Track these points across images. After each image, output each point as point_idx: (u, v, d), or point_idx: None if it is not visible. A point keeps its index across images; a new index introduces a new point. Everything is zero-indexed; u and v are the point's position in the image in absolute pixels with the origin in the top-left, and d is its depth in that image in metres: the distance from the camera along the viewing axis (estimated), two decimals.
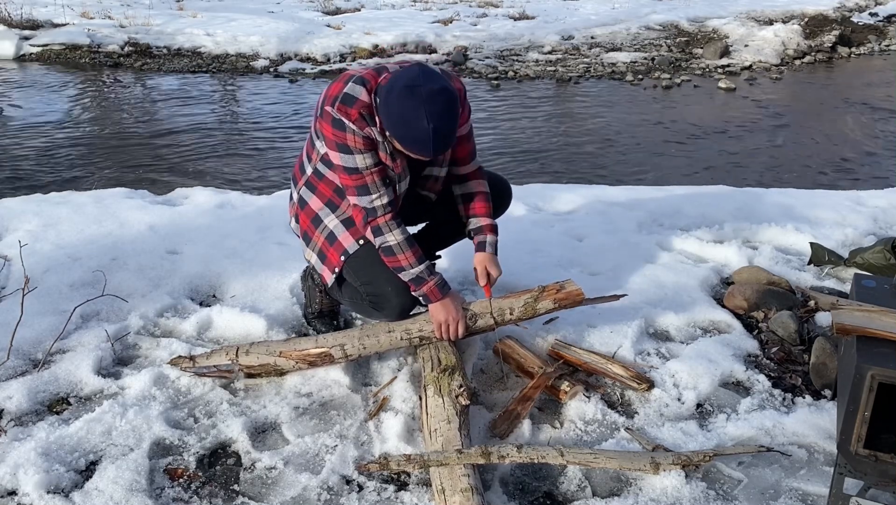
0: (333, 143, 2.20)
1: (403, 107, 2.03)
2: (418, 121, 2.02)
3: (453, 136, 2.12)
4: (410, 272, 2.29)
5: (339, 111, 2.14)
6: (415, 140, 2.07)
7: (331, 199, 2.39)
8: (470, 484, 1.87)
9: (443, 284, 2.32)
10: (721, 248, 3.39)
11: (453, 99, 2.07)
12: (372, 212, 2.27)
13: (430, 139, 2.04)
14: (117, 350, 2.57)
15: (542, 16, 12.93)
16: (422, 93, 2.01)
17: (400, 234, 2.28)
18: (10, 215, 3.54)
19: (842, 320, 1.93)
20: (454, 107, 2.07)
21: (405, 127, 2.06)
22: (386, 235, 2.27)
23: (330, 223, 2.39)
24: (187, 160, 6.45)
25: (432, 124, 2.02)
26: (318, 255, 2.44)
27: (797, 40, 11.28)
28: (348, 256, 2.37)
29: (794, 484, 2.06)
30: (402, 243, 2.27)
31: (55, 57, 10.04)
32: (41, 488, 1.95)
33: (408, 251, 2.28)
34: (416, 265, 2.29)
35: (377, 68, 2.21)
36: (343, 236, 2.38)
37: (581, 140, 7.20)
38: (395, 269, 2.30)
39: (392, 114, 2.07)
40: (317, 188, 2.40)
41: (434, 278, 2.31)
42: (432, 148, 2.07)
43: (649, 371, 2.51)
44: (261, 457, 2.12)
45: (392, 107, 2.05)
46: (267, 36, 10.77)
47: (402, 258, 2.28)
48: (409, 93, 2.01)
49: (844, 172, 6.31)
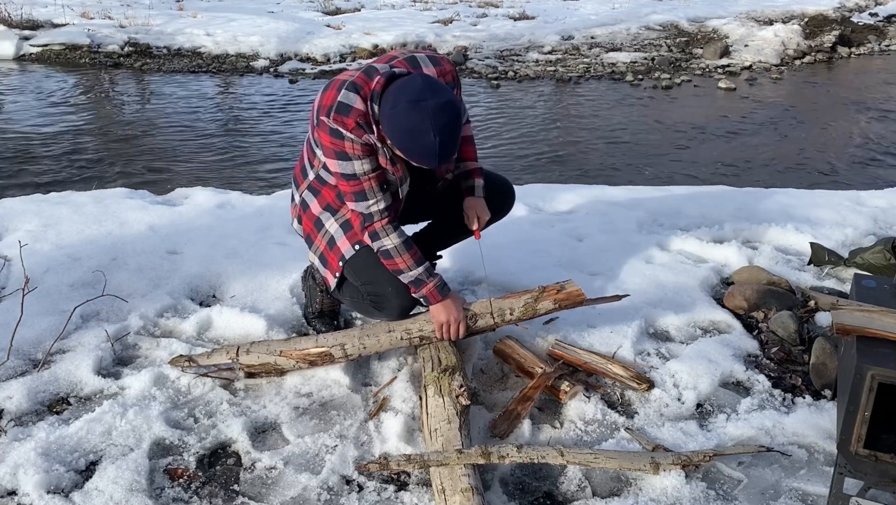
0: (331, 152, 2.19)
1: (410, 121, 2.03)
2: (425, 135, 2.02)
3: (456, 147, 2.13)
4: (409, 275, 2.30)
5: (336, 121, 2.13)
6: (421, 153, 2.08)
7: (330, 203, 2.40)
8: (470, 484, 1.87)
9: (442, 286, 2.33)
10: (721, 248, 3.39)
11: (458, 112, 2.08)
12: (368, 217, 2.27)
13: (437, 152, 2.05)
14: (117, 350, 2.57)
15: (542, 16, 12.94)
16: (428, 107, 2.01)
17: (397, 237, 2.29)
18: (10, 215, 3.54)
19: (842, 320, 1.93)
20: (459, 119, 2.08)
21: (411, 141, 2.06)
22: (383, 240, 2.28)
23: (331, 227, 2.40)
24: (187, 160, 6.45)
25: (438, 138, 2.02)
26: (320, 259, 2.45)
27: (797, 40, 11.28)
28: (345, 260, 2.38)
29: (794, 484, 2.06)
30: (400, 247, 2.28)
31: (55, 57, 10.04)
32: (41, 488, 1.95)
33: (405, 254, 2.29)
34: (415, 267, 2.29)
35: (367, 70, 2.19)
36: (341, 241, 2.38)
37: (581, 140, 7.20)
38: (395, 272, 2.30)
39: (397, 127, 2.06)
40: (320, 192, 2.41)
41: (433, 280, 2.31)
42: (438, 160, 2.08)
43: (649, 371, 2.51)
44: (261, 457, 2.12)
45: (398, 120, 2.05)
46: (267, 36, 10.78)
47: (400, 261, 2.28)
48: (415, 107, 2.01)
49: (844, 172, 6.31)
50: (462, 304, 2.40)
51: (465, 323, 2.36)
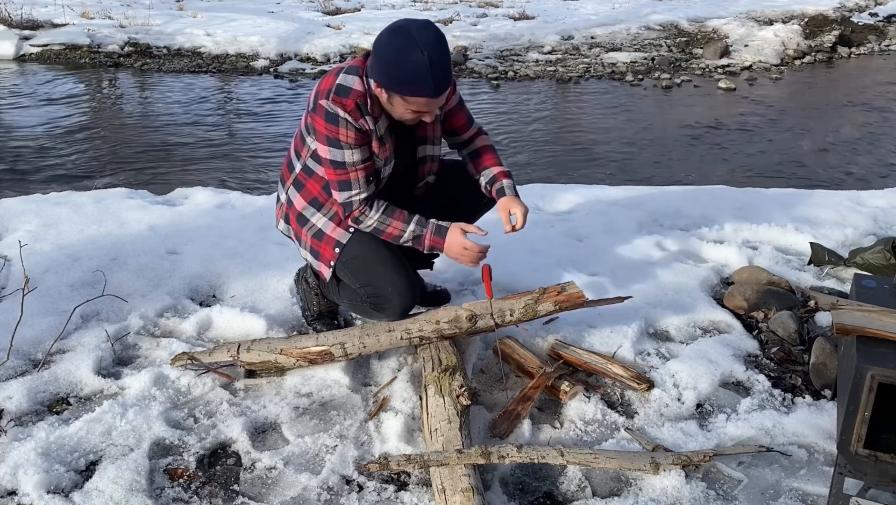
0: (324, 137, 2.20)
1: (395, 44, 2.05)
2: (412, 53, 2.03)
3: (450, 70, 2.13)
4: (405, 236, 2.32)
5: (335, 102, 2.15)
6: (414, 76, 2.06)
7: (316, 197, 2.40)
8: (470, 484, 1.87)
9: (439, 228, 2.33)
10: (721, 248, 3.39)
11: (441, 32, 2.10)
12: (348, 206, 2.30)
13: (429, 70, 2.04)
14: (117, 350, 2.57)
15: (542, 16, 12.93)
16: (410, 28, 2.05)
17: (376, 212, 2.31)
18: (10, 215, 3.55)
19: (842, 320, 1.93)
20: (444, 38, 2.10)
21: (400, 65, 2.06)
22: (367, 221, 2.31)
23: (318, 221, 2.41)
24: (187, 160, 6.44)
25: (426, 52, 2.03)
26: (311, 252, 2.46)
27: (797, 40, 11.27)
28: (342, 246, 2.38)
29: (794, 484, 2.06)
30: (383, 218, 2.31)
31: (55, 57, 10.03)
32: (41, 488, 1.95)
33: (392, 220, 2.31)
34: (407, 227, 2.31)
35: (365, 55, 2.23)
36: (331, 229, 2.39)
37: (581, 140, 7.19)
38: (393, 240, 2.33)
39: (385, 57, 2.08)
40: (304, 186, 2.41)
41: (429, 229, 2.32)
42: (432, 80, 2.06)
43: (649, 371, 2.51)
44: (261, 457, 2.12)
45: (384, 50, 2.08)
46: (267, 36, 10.77)
47: (392, 228, 2.32)
48: (398, 32, 2.06)
49: (844, 172, 6.31)
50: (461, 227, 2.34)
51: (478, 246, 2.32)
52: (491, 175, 2.46)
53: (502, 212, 2.39)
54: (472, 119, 2.54)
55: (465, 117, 2.50)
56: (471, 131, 2.53)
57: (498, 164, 2.49)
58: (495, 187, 2.44)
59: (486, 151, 2.51)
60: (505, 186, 2.43)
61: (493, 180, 2.46)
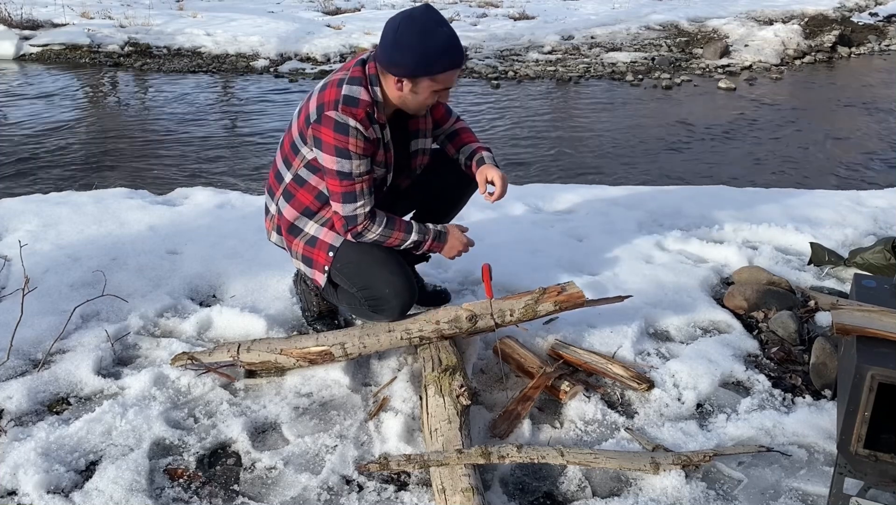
0: (332, 148, 2.20)
1: (412, 31, 2.11)
2: (433, 32, 2.12)
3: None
4: (408, 244, 2.37)
5: (345, 112, 2.17)
6: (445, 50, 2.14)
7: (308, 206, 2.39)
8: (470, 484, 1.87)
9: (439, 234, 2.40)
10: (721, 248, 3.39)
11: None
12: (352, 220, 2.30)
13: (455, 41, 2.14)
14: (117, 350, 2.57)
15: (542, 16, 12.94)
16: (415, 14, 2.13)
17: (378, 225, 2.33)
18: (10, 215, 3.54)
19: (842, 320, 1.93)
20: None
21: (426, 46, 2.12)
22: (368, 235, 2.33)
23: (310, 229, 2.42)
24: (187, 160, 6.45)
25: (443, 28, 2.13)
26: (304, 261, 2.45)
27: (797, 40, 11.28)
28: (336, 249, 2.38)
29: (794, 484, 2.06)
30: (385, 230, 2.34)
31: (55, 57, 10.04)
32: (41, 488, 1.95)
33: (394, 231, 2.35)
34: (408, 235, 2.36)
35: (356, 63, 2.26)
36: (324, 234, 2.40)
37: (581, 140, 7.19)
38: (395, 248, 2.37)
39: (408, 45, 2.12)
40: (294, 196, 2.40)
41: (429, 235, 2.38)
42: (459, 49, 2.16)
43: (649, 371, 2.51)
44: (261, 457, 2.12)
45: (403, 40, 2.12)
46: (267, 36, 10.77)
47: (393, 239, 2.35)
48: (407, 20, 2.13)
49: (844, 172, 6.31)
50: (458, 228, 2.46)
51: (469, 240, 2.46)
52: (470, 150, 2.51)
53: (480, 180, 2.43)
54: (451, 110, 2.61)
55: (445, 108, 2.56)
56: (451, 120, 2.59)
57: (476, 141, 2.55)
58: (475, 159, 2.48)
59: (464, 132, 2.57)
60: (485, 157, 2.47)
61: (472, 154, 2.50)
